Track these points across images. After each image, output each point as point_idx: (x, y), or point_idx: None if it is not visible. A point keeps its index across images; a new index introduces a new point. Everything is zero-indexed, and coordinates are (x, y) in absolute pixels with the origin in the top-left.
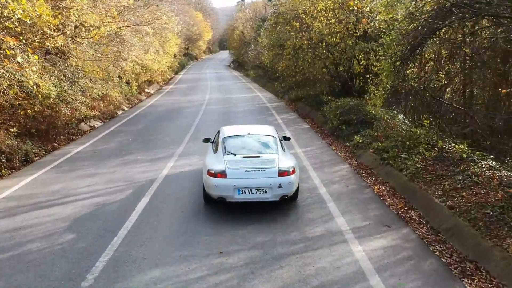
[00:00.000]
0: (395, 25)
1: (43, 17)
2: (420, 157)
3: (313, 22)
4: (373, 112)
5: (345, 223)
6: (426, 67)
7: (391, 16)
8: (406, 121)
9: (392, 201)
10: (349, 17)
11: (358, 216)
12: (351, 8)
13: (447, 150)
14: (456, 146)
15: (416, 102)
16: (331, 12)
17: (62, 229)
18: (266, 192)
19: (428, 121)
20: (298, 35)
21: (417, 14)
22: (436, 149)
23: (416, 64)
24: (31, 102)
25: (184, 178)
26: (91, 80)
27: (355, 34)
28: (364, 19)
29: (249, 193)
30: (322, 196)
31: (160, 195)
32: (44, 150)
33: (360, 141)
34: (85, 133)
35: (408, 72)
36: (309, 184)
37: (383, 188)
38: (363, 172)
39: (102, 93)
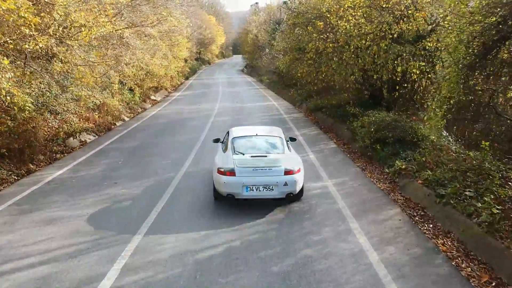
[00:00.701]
0: (466, 20)
1: (17, 13)
2: (493, 197)
3: (339, 22)
4: (430, 134)
5: None
6: (493, 77)
7: (464, 6)
8: (450, 138)
9: (468, 268)
10: (383, 16)
11: None
12: (384, 6)
13: None
14: None
15: (481, 121)
16: (359, 11)
17: None
18: (273, 190)
19: (487, 143)
20: (322, 36)
21: (499, 7)
22: (511, 184)
23: (487, 73)
24: (10, 114)
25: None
26: (87, 87)
27: (389, 36)
28: (422, 13)
29: (256, 190)
30: (376, 271)
31: (138, 265)
32: (16, 175)
33: (403, 167)
34: (73, 150)
35: (471, 83)
36: (352, 244)
37: (449, 242)
38: (415, 214)
39: (100, 101)
